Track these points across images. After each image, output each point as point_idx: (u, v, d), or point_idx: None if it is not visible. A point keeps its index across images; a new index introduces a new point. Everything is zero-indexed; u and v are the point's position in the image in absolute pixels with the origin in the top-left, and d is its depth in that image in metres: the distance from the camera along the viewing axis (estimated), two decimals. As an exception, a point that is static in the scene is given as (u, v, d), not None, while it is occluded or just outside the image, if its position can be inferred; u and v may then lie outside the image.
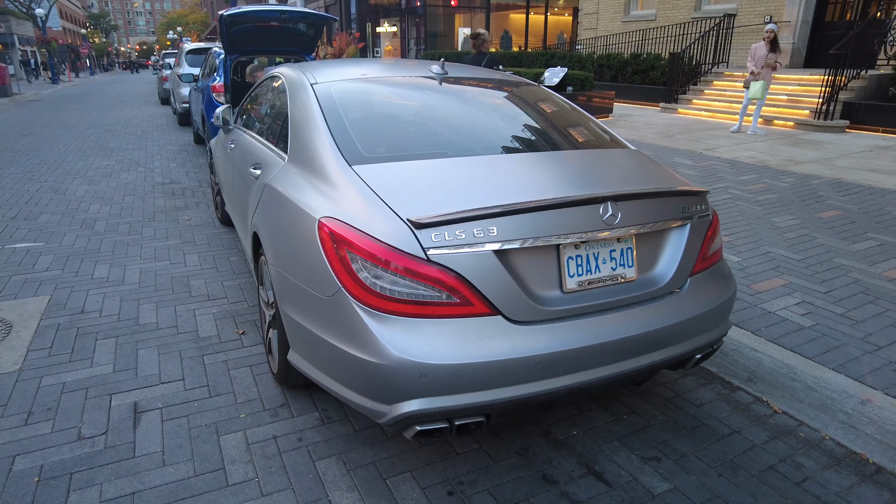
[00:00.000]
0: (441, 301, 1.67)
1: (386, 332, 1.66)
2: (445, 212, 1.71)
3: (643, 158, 2.40)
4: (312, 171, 2.13)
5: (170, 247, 4.44)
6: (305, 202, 2.02)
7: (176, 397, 2.50)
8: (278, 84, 3.02)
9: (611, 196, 1.85)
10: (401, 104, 2.52)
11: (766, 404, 2.52)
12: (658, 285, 1.99)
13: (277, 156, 2.53)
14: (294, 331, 2.07)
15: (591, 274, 1.88)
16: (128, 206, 5.67)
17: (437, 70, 2.82)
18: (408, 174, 1.96)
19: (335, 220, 1.83)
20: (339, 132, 2.20)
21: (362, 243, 1.72)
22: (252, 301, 3.46)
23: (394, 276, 1.67)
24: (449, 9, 23.13)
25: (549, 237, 1.76)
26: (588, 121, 2.74)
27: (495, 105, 2.67)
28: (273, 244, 2.20)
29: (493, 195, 1.81)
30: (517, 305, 1.73)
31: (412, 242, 1.67)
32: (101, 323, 3.18)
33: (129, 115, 14.33)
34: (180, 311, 3.33)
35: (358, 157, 2.07)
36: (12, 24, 36.52)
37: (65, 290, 3.63)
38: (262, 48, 6.84)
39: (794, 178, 6.15)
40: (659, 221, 1.98)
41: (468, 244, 1.67)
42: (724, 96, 11.13)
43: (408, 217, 1.71)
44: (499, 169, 2.03)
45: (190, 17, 69.60)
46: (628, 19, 15.43)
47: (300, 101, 2.51)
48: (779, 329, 2.97)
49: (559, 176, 2.03)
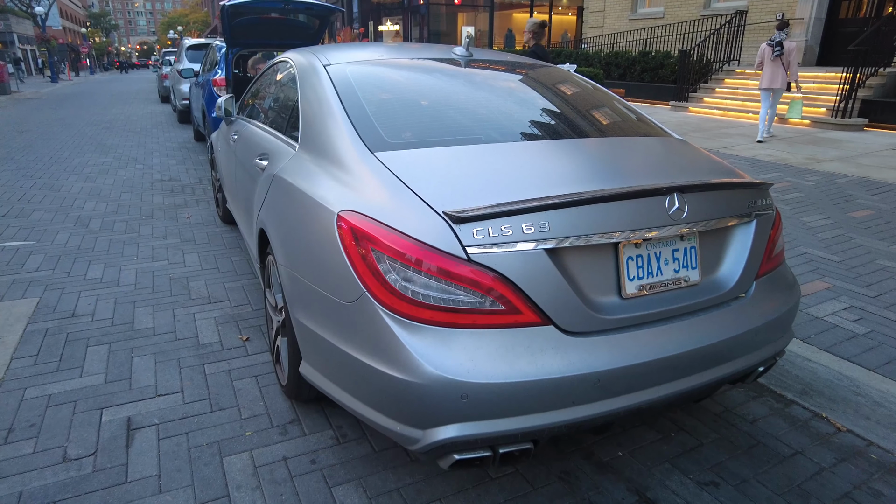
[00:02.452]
0: (484, 308, 1.43)
1: (419, 344, 1.42)
2: (488, 203, 1.46)
3: (694, 148, 2.16)
4: (328, 160, 1.89)
5: (168, 246, 4.20)
6: (321, 194, 1.77)
7: (174, 412, 2.26)
8: (286, 68, 2.77)
9: (677, 187, 1.60)
10: (425, 87, 2.27)
11: (826, 420, 2.28)
12: (723, 290, 1.75)
13: (287, 145, 2.29)
14: (307, 340, 1.82)
15: (652, 277, 1.64)
16: (125, 203, 5.42)
17: (461, 52, 2.57)
18: (439, 161, 1.72)
19: (357, 213, 1.59)
20: (358, 116, 1.95)
21: (389, 240, 1.47)
22: (256, 304, 3.22)
23: (428, 278, 1.43)
24: (451, 7, 22.90)
25: (609, 234, 1.51)
26: (628, 107, 2.50)
27: (529, 88, 2.42)
28: (283, 242, 1.96)
29: (541, 185, 1.57)
30: (572, 314, 1.48)
31: (450, 239, 1.42)
32: (93, 328, 2.93)
33: (128, 112, 14.09)
34: (179, 315, 3.08)
35: (380, 142, 1.83)
36: (12, 22, 36.31)
37: (55, 291, 3.38)
38: (264, 41, 6.60)
39: (819, 177, 5.90)
40: (725, 217, 1.74)
41: (516, 241, 1.43)
42: (737, 94, 10.90)
43: (444, 210, 1.46)
44: (543, 156, 1.79)
45: (191, 16, 69.39)
46: (635, 17, 15.20)
47: (312, 85, 2.26)
48: (831, 337, 2.72)
49: (612, 164, 1.78)
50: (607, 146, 1.96)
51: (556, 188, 1.56)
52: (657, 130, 2.31)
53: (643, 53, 13.32)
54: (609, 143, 2.01)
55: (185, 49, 11.38)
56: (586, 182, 1.61)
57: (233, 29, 6.10)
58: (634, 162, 1.83)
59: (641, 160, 1.87)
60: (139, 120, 12.40)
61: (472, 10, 23.33)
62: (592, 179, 1.64)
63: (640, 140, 2.11)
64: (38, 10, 34.24)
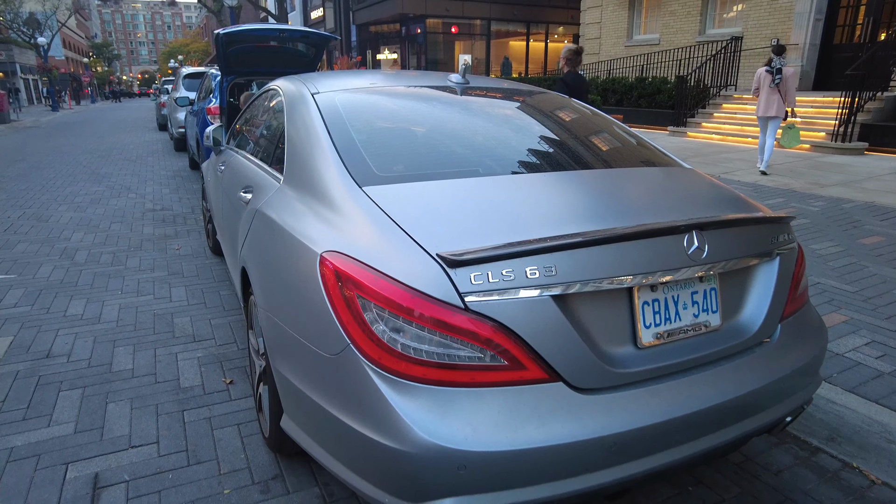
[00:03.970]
0: (484, 364, 1.26)
1: (410, 406, 1.25)
2: (487, 245, 1.31)
3: (707, 178, 2.02)
4: (313, 194, 1.74)
5: (155, 279, 4.03)
6: (304, 232, 1.62)
7: (147, 466, 2.07)
8: (274, 97, 2.65)
9: (696, 224, 1.46)
10: (419, 116, 2.14)
11: (857, 471, 2.09)
12: (747, 334, 1.59)
13: (271, 177, 2.15)
14: (288, 393, 1.65)
15: (670, 323, 1.48)
16: (114, 234, 5.27)
17: (457, 79, 2.46)
18: (432, 197, 1.57)
19: (341, 254, 1.43)
20: (346, 147, 1.81)
21: (377, 286, 1.32)
22: (242, 343, 3.04)
23: (420, 329, 1.27)
24: (449, 36, 23.20)
25: (623, 278, 1.36)
26: (632, 134, 2.37)
27: (529, 117, 2.29)
28: (264, 283, 1.80)
29: (546, 223, 1.42)
30: (583, 368, 1.32)
31: (444, 285, 1.27)
32: (68, 370, 2.75)
33: (125, 140, 14.06)
34: (161, 356, 2.90)
35: (369, 176, 1.68)
36: (14, 52, 36.73)
37: (31, 329, 3.21)
38: (259, 69, 6.54)
39: (824, 202, 5.78)
40: (748, 255, 1.59)
41: (519, 288, 1.27)
42: (735, 119, 10.88)
43: (437, 252, 1.31)
44: (547, 190, 1.64)
45: (191, 45, 70.45)
46: (631, 44, 15.32)
47: (299, 114, 2.13)
48: (855, 376, 2.55)
49: (623, 199, 1.64)
50: (616, 178, 1.82)
51: (562, 227, 1.41)
52: (665, 159, 2.18)
53: (640, 79, 13.37)
54: (618, 174, 1.87)
55: (182, 77, 11.40)
56: (596, 219, 1.47)
57: (228, 57, 6.04)
58: (647, 196, 1.68)
59: (654, 194, 1.72)
60: (135, 148, 12.35)
61: (469, 38, 23.64)
62: (603, 216, 1.49)
63: (650, 171, 1.97)
64: (41, 41, 34.66)
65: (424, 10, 21.51)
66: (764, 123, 7.49)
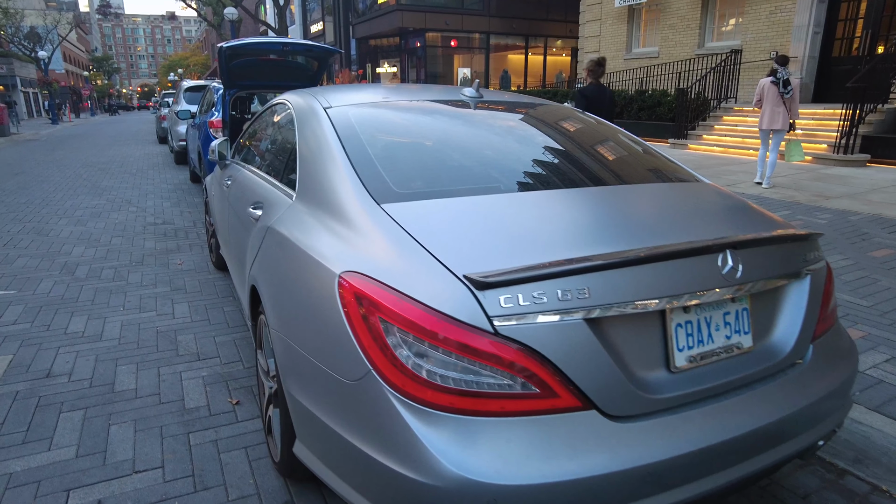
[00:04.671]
0: (514, 392, 1.20)
1: (436, 436, 1.19)
2: (517, 265, 1.25)
3: (729, 194, 1.97)
4: (328, 212, 1.69)
5: (157, 295, 3.97)
6: (320, 250, 1.57)
7: (152, 493, 1.99)
8: (283, 111, 2.61)
9: (730, 243, 1.40)
10: (434, 130, 2.10)
11: (888, 495, 2.02)
12: (779, 356, 1.53)
13: (283, 193, 2.09)
14: (302, 418, 1.58)
15: (703, 345, 1.42)
16: (115, 248, 5.21)
17: (470, 93, 2.42)
18: (454, 214, 1.52)
19: (361, 275, 1.38)
20: (362, 163, 1.76)
21: (400, 308, 1.26)
22: (248, 361, 2.97)
23: (446, 355, 1.21)
24: (448, 49, 23.34)
25: (657, 299, 1.30)
26: (652, 150, 2.33)
27: (548, 131, 2.25)
28: (276, 304, 1.74)
29: (574, 243, 1.37)
30: (617, 395, 1.26)
31: (473, 309, 1.21)
32: (69, 390, 2.68)
33: (125, 153, 14.04)
34: (165, 375, 2.83)
35: (387, 193, 1.63)
36: (15, 66, 36.88)
37: (31, 347, 3.13)
38: (262, 83, 6.53)
39: (831, 215, 5.75)
40: (780, 274, 1.54)
41: (552, 311, 1.21)
42: (736, 131, 10.90)
43: (464, 273, 1.25)
44: (573, 207, 1.59)
45: (191, 59, 70.84)
46: (630, 57, 15.40)
47: (311, 129, 2.09)
48: (878, 394, 2.49)
49: (651, 216, 1.59)
50: (641, 195, 1.77)
51: (592, 246, 1.35)
52: (686, 174, 2.13)
53: (640, 92, 13.42)
54: (642, 191, 1.82)
55: (183, 91, 11.40)
56: (627, 238, 1.41)
57: (230, 70, 6.02)
58: (674, 213, 1.63)
59: (680, 211, 1.67)
60: (136, 161, 12.31)
61: (468, 52, 23.79)
62: (633, 235, 1.44)
63: (673, 187, 1.92)
64: (42, 55, 34.82)
65: (424, 24, 21.65)
66: (766, 136, 7.30)
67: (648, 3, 14.59)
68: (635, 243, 1.38)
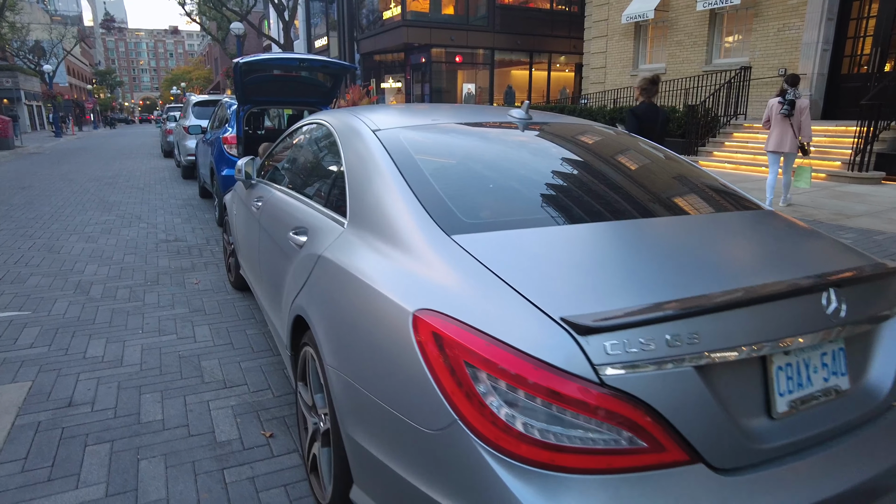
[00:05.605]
0: (621, 448, 1.10)
1: (535, 496, 1.08)
2: (620, 307, 1.16)
3: (805, 226, 1.88)
4: (390, 242, 1.59)
5: (176, 317, 3.86)
6: (387, 285, 1.47)
7: (188, 536, 1.87)
8: (321, 132, 2.52)
9: (833, 281, 1.31)
10: (492, 155, 2.00)
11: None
12: (878, 398, 1.43)
13: (330, 219, 2.00)
14: (365, 465, 1.47)
15: (802, 389, 1.32)
16: (128, 266, 5.11)
17: (519, 114, 2.33)
18: (532, 247, 1.42)
19: (439, 313, 1.28)
20: (424, 190, 1.67)
21: (490, 353, 1.16)
22: (277, 389, 2.86)
23: (545, 406, 1.11)
24: (452, 65, 23.45)
25: (766, 342, 1.21)
26: (711, 176, 2.24)
27: (608, 156, 2.15)
28: (334, 339, 1.63)
29: (674, 280, 1.27)
30: (724, 446, 1.15)
31: (575, 356, 1.11)
32: (93, 420, 2.56)
33: (131, 167, 13.99)
34: (191, 404, 2.71)
35: (455, 223, 1.54)
36: (20, 79, 37.03)
37: (50, 373, 3.02)
38: (276, 99, 6.48)
39: (855, 234, 5.67)
40: (881, 311, 1.44)
41: (662, 359, 1.11)
42: (747, 148, 10.87)
43: (562, 315, 1.15)
44: (658, 240, 1.50)
45: (194, 73, 71.27)
46: (637, 73, 15.44)
47: (359, 152, 2.00)
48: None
49: (742, 251, 1.50)
50: (723, 226, 1.68)
51: (693, 285, 1.26)
52: (751, 202, 2.04)
53: (647, 108, 13.41)
54: (722, 221, 1.73)
55: (191, 105, 11.35)
56: (728, 276, 1.32)
57: (245, 86, 5.97)
58: (765, 247, 1.54)
59: (771, 245, 1.58)
60: (142, 175, 12.25)
61: (473, 67, 23.89)
62: (733, 272, 1.34)
63: (750, 217, 1.82)
64: (47, 68, 34.97)
65: (429, 40, 21.76)
66: (775, 159, 7.02)
67: (655, 20, 14.67)
68: (736, 282, 1.28)
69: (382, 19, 23.82)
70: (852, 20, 11.22)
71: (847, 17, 11.21)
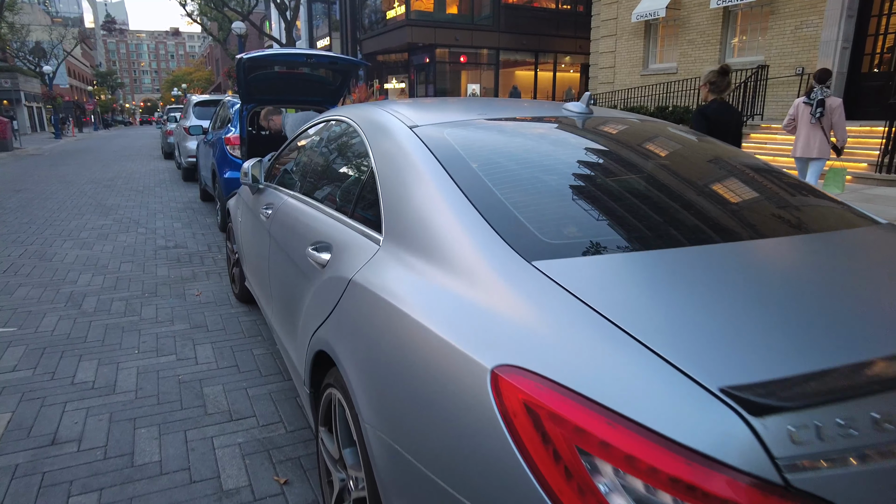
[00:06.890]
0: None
1: None
2: (798, 371, 0.81)
3: None
4: (446, 268, 1.24)
5: (176, 334, 3.52)
6: (447, 327, 1.12)
7: None
8: (343, 130, 2.18)
9: None
10: (562, 159, 1.63)
11: None
12: None
13: (360, 234, 1.65)
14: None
15: None
16: (125, 276, 4.77)
17: (578, 108, 1.99)
18: (651, 280, 1.07)
19: (532, 374, 0.93)
20: (487, 203, 1.32)
21: (616, 438, 0.82)
22: (290, 423, 2.51)
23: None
24: (456, 65, 23.12)
25: None
26: (803, 181, 1.89)
27: (705, 162, 1.79)
28: (376, 392, 1.29)
29: (864, 333, 0.93)
30: None
31: (747, 447, 0.76)
32: (79, 463, 2.22)
33: (130, 169, 13.65)
34: (193, 441, 2.37)
35: (535, 245, 1.19)
36: (20, 80, 36.72)
37: (34, 402, 2.68)
38: (281, 97, 6.14)
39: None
40: None
41: (859, 448, 0.77)
42: (765, 149, 10.52)
43: (720, 385, 0.81)
44: (819, 270, 1.15)
45: (195, 74, 70.99)
46: (648, 73, 15.11)
47: (393, 153, 1.65)
48: None
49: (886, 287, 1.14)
50: (866, 254, 1.33)
51: (884, 334, 0.92)
52: (859, 213, 1.70)
53: (660, 108, 13.08)
54: (850, 242, 1.38)
55: (192, 105, 11.03)
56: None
57: (248, 84, 5.63)
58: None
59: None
60: (142, 177, 11.92)
61: (477, 68, 23.56)
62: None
63: (870, 234, 1.48)
64: (47, 70, 34.65)
65: (433, 40, 21.43)
66: (803, 165, 6.40)
67: (666, 19, 14.32)
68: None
69: (385, 19, 23.50)
70: (873, 17, 10.87)
71: (868, 13, 10.87)
